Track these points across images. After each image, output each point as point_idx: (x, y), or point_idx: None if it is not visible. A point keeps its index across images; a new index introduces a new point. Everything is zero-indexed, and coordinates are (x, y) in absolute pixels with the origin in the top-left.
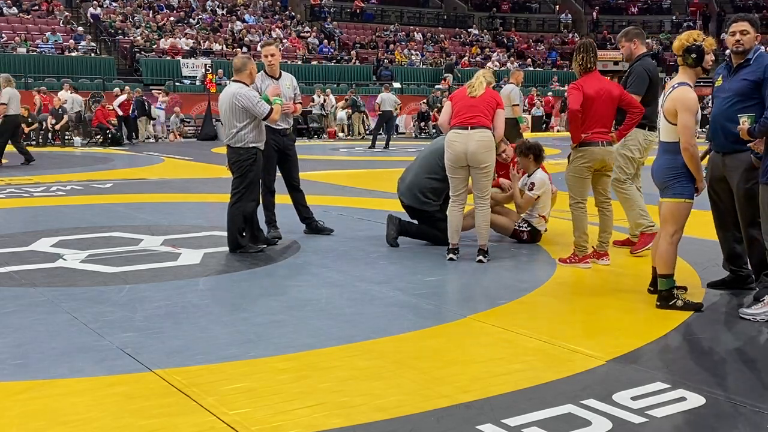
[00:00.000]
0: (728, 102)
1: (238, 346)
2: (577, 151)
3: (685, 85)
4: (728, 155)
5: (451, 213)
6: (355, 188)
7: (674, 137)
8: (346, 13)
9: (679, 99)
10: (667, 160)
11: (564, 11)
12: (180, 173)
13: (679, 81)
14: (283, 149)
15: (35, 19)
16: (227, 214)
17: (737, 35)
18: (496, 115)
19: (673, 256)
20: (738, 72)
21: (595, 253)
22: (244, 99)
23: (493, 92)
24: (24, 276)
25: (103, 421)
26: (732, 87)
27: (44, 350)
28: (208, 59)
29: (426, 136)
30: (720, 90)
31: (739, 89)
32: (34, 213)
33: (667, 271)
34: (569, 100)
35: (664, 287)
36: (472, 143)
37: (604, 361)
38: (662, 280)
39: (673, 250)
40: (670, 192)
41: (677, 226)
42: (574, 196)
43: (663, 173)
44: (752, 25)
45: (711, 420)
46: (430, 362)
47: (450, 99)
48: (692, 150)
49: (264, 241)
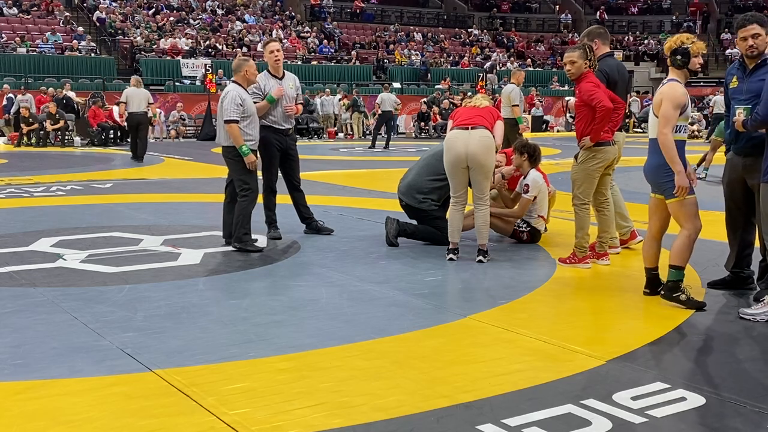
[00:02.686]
0: (748, 103)
1: (238, 346)
2: (592, 151)
3: (674, 81)
4: (749, 157)
5: (451, 213)
6: (355, 188)
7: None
8: (346, 13)
9: (666, 92)
10: (657, 158)
11: (564, 11)
12: (180, 173)
13: (669, 78)
14: (286, 149)
15: (35, 19)
16: (237, 208)
17: (749, 40)
18: (496, 124)
19: (687, 251)
20: (755, 72)
21: (595, 254)
22: (227, 99)
23: (494, 109)
24: (24, 276)
25: (103, 421)
26: (751, 88)
27: (44, 350)
28: (208, 59)
29: (426, 137)
30: (737, 92)
31: (758, 90)
32: (34, 213)
33: (678, 263)
34: (600, 98)
35: (672, 278)
36: (473, 143)
37: (604, 361)
38: (672, 271)
39: (689, 244)
40: (667, 193)
41: (690, 223)
42: (581, 197)
43: (656, 172)
44: (762, 25)
45: (711, 420)
46: (430, 362)
47: (451, 117)
48: (663, 138)
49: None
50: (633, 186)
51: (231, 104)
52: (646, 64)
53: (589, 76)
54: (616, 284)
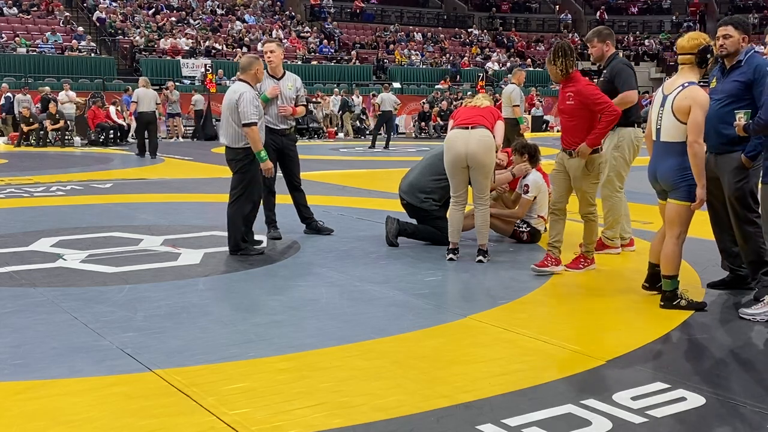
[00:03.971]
0: (721, 103)
1: (238, 346)
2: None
3: (695, 84)
4: (720, 155)
5: (451, 213)
6: (355, 188)
7: (682, 137)
8: (346, 13)
9: (695, 97)
10: (677, 161)
11: (564, 11)
12: (180, 173)
13: (689, 80)
14: (282, 149)
15: (35, 19)
16: (227, 215)
17: (720, 39)
18: (496, 124)
19: (679, 257)
20: (730, 73)
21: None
22: (243, 101)
23: (495, 109)
24: (24, 276)
25: (103, 421)
26: (725, 88)
27: (44, 350)
28: (208, 59)
29: (426, 137)
30: (714, 92)
31: (731, 90)
32: (34, 213)
33: (672, 272)
34: (607, 101)
35: (668, 288)
36: (473, 142)
37: (604, 361)
38: (667, 281)
39: (680, 251)
40: (678, 194)
41: (684, 227)
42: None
43: (674, 174)
44: (736, 27)
45: (711, 420)
46: (430, 362)
47: (452, 117)
48: (698, 147)
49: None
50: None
51: (249, 106)
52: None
53: (581, 77)
54: (616, 285)
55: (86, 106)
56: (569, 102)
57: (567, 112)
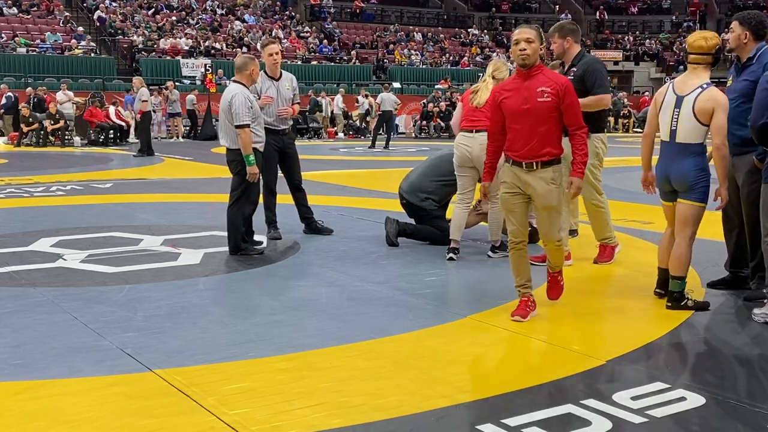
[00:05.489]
0: (734, 103)
1: (238, 346)
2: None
3: (712, 85)
4: (736, 156)
5: (455, 211)
6: (355, 188)
7: (701, 138)
8: (346, 13)
9: (715, 99)
10: (695, 162)
11: (564, 11)
12: (180, 173)
13: (705, 81)
14: (283, 148)
15: (35, 19)
16: (227, 216)
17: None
18: None
19: (689, 258)
20: (742, 72)
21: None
22: (236, 102)
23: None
24: (24, 276)
25: (103, 421)
26: (737, 88)
27: (44, 350)
28: (208, 59)
29: (426, 137)
30: (729, 91)
31: (742, 90)
32: (34, 213)
33: (681, 272)
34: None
35: (677, 288)
36: (477, 147)
37: (604, 361)
38: (676, 282)
39: (690, 252)
40: (693, 195)
41: (696, 228)
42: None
43: (692, 175)
44: (741, 23)
45: (711, 420)
46: (430, 362)
47: (461, 100)
48: (725, 150)
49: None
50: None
51: (242, 107)
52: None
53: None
54: (616, 285)
55: (86, 106)
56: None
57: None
